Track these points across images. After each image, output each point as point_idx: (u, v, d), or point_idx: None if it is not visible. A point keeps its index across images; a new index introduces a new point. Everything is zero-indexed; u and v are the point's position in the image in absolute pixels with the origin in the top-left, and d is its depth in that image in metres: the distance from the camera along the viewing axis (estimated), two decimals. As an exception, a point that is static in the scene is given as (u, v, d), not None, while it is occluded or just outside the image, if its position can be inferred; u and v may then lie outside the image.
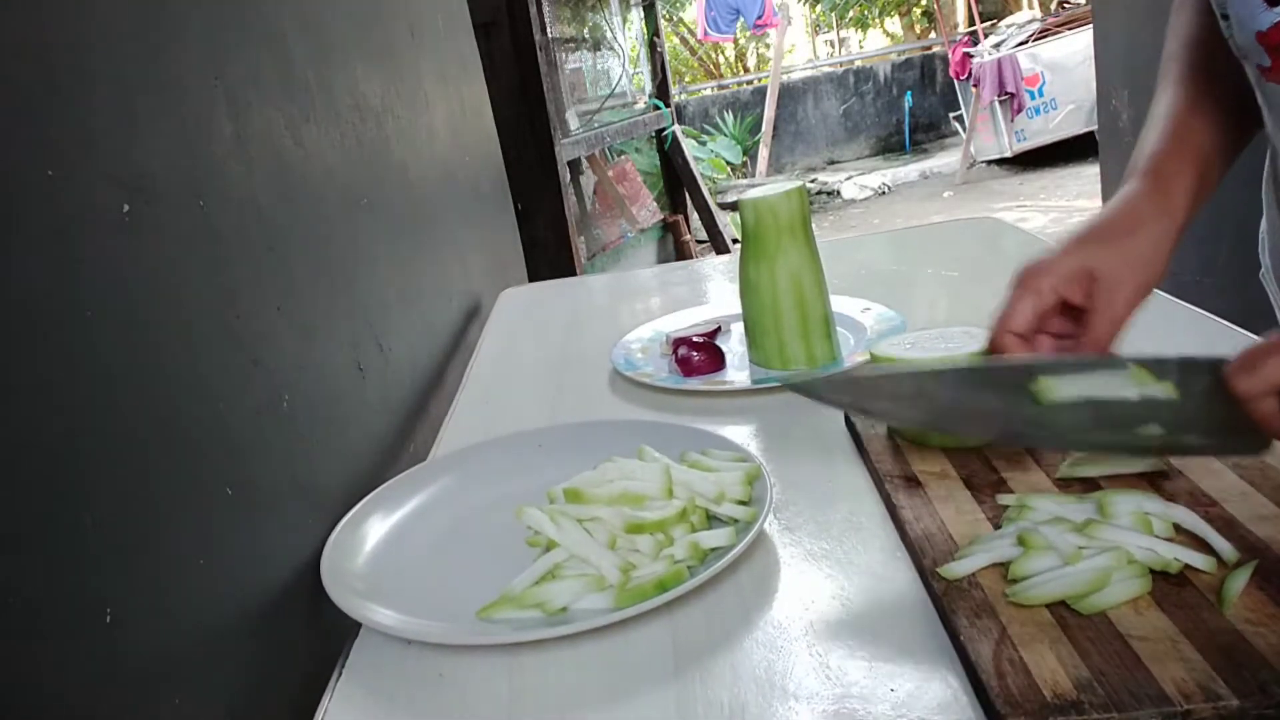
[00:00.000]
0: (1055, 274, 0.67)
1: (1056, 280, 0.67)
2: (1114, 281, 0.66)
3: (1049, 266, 0.67)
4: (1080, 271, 0.66)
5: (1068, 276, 0.67)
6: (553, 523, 0.67)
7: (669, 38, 9.36)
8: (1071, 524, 0.59)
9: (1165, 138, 0.73)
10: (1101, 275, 0.66)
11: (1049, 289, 0.67)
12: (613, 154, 4.38)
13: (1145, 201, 0.69)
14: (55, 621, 0.47)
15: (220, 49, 0.76)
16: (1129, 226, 0.68)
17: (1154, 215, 0.68)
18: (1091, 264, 0.66)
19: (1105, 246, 0.67)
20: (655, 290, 1.51)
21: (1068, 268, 0.67)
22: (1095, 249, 0.67)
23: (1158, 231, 0.68)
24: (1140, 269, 0.67)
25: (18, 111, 0.50)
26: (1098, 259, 0.66)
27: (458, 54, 1.86)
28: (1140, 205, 0.69)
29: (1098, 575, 0.53)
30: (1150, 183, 0.70)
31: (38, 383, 0.48)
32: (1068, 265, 0.67)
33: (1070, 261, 0.67)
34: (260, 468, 0.71)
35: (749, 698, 0.54)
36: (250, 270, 0.75)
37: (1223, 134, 0.73)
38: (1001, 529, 0.61)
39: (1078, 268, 0.66)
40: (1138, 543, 0.56)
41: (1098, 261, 0.66)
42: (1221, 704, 0.45)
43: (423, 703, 0.58)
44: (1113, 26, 2.34)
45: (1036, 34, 7.20)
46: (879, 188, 7.99)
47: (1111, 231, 0.68)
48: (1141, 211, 0.68)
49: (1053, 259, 0.67)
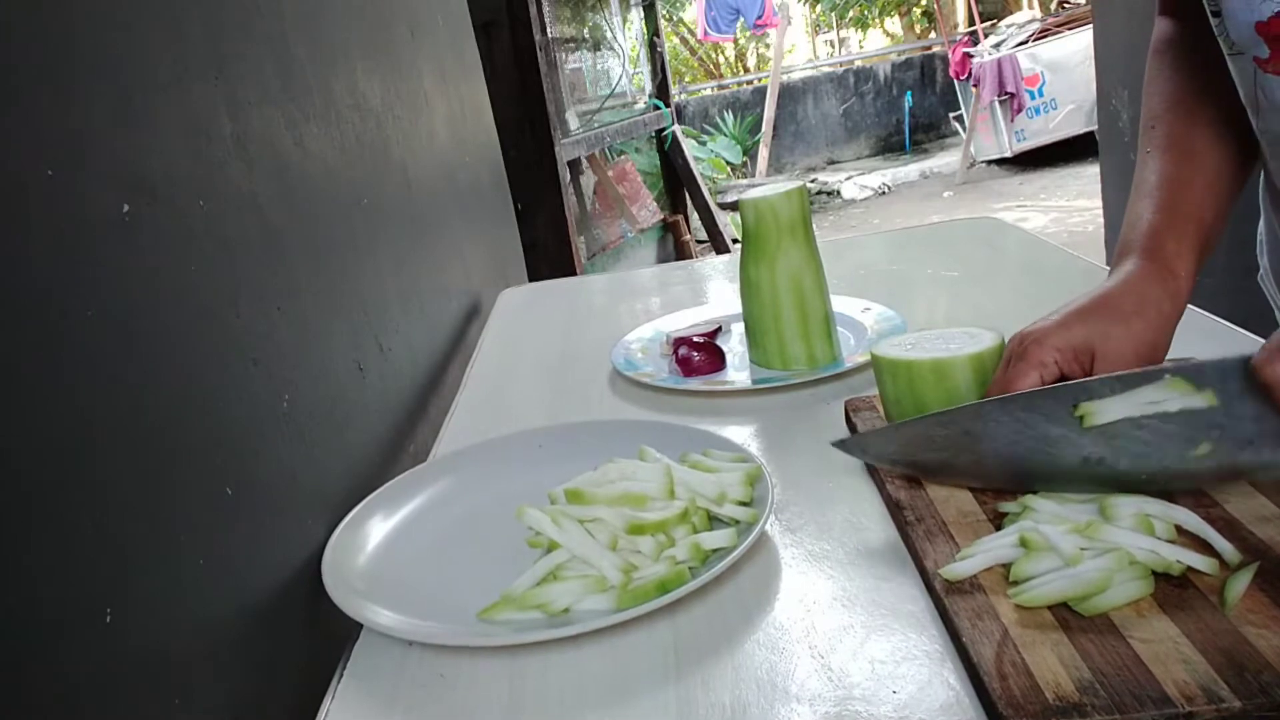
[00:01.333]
0: (1059, 348, 0.65)
1: (1060, 355, 0.65)
2: (1116, 360, 0.65)
3: (1052, 339, 0.66)
4: (1084, 348, 0.65)
5: (1071, 352, 0.65)
6: (554, 523, 0.67)
7: (669, 38, 9.37)
8: (1073, 525, 0.59)
9: (1162, 210, 0.71)
10: (1104, 354, 0.65)
11: (1052, 363, 0.65)
12: (613, 154, 4.38)
13: (1150, 282, 0.68)
14: (55, 621, 0.47)
15: (220, 49, 0.76)
16: (1135, 307, 0.66)
17: (1159, 298, 0.67)
18: (1095, 341, 0.65)
19: (1110, 325, 0.66)
20: (655, 290, 1.51)
21: (1071, 342, 0.65)
22: (1099, 326, 0.66)
23: (1163, 314, 0.67)
24: (1144, 351, 0.65)
25: (18, 111, 0.49)
26: (1101, 337, 0.65)
27: (458, 54, 1.85)
28: (1146, 287, 0.68)
29: (1100, 577, 0.53)
30: (1154, 263, 0.69)
31: (38, 383, 0.48)
32: (1071, 339, 0.65)
33: (1073, 336, 0.65)
34: (260, 468, 0.71)
35: (751, 699, 0.53)
36: (250, 270, 0.75)
37: (1218, 196, 0.72)
38: (1003, 530, 0.61)
39: (1081, 343, 0.65)
40: (1139, 544, 0.56)
41: (1101, 339, 0.65)
42: (1224, 706, 0.45)
43: (424, 704, 0.58)
44: (1113, 26, 2.34)
45: (1036, 34, 7.21)
46: (879, 188, 7.99)
47: (1117, 311, 0.66)
48: (1147, 294, 0.67)
49: (1055, 331, 0.66)
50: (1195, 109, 0.76)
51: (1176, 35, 0.80)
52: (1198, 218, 0.71)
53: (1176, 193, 0.72)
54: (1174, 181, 0.73)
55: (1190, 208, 0.71)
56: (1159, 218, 0.71)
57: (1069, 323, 0.66)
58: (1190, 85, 0.77)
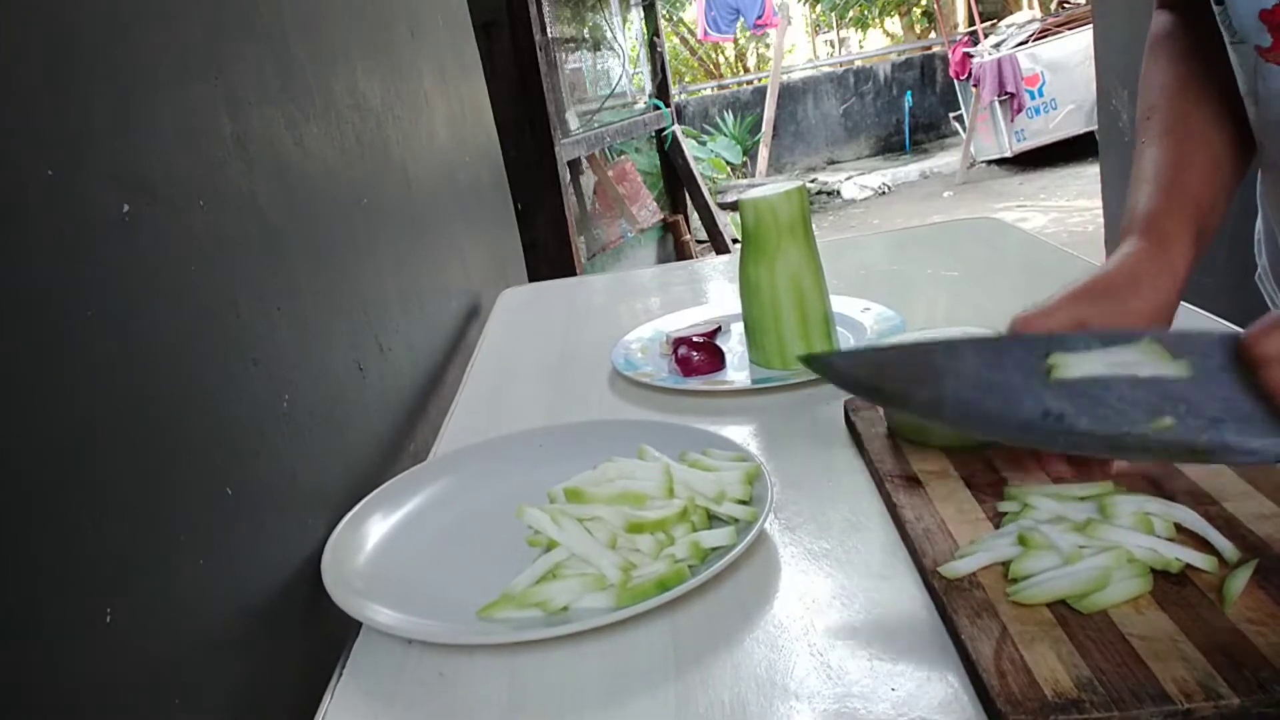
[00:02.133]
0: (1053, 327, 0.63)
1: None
2: None
3: (1047, 319, 0.64)
4: (1079, 326, 0.63)
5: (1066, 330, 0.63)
6: (553, 522, 0.67)
7: (669, 38, 9.36)
8: (1072, 523, 0.59)
9: (1159, 195, 0.70)
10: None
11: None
12: (613, 154, 4.38)
13: (1146, 260, 0.67)
14: (55, 621, 0.47)
15: (220, 49, 0.76)
16: (1130, 284, 0.66)
17: (1155, 273, 0.66)
18: (1091, 319, 0.64)
19: (1106, 302, 0.64)
20: (655, 290, 1.51)
21: (1065, 321, 0.64)
22: (1095, 304, 0.64)
23: (1159, 289, 0.66)
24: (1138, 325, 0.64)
25: (18, 111, 0.50)
26: (1097, 316, 0.64)
27: (458, 54, 1.86)
28: (1140, 264, 0.67)
29: (1098, 574, 0.53)
30: (1149, 242, 0.68)
31: (38, 382, 0.48)
32: (1065, 318, 0.64)
33: (1068, 315, 0.64)
34: (260, 468, 0.71)
35: (750, 697, 0.54)
36: (250, 270, 0.75)
37: (1216, 181, 0.72)
38: (1002, 528, 0.61)
39: (1076, 322, 0.64)
40: (1138, 542, 0.56)
41: (1098, 319, 0.64)
42: (1222, 703, 0.45)
43: (423, 702, 0.58)
44: (1113, 26, 2.34)
45: (1036, 34, 7.20)
46: (879, 188, 7.99)
47: (1112, 288, 0.66)
48: (1142, 270, 0.66)
49: (1050, 312, 0.64)
50: (1194, 99, 0.75)
51: (1175, 28, 0.80)
52: (1194, 200, 0.70)
53: (1173, 175, 0.71)
54: (1171, 165, 0.72)
55: (1188, 189, 0.71)
56: (1156, 200, 0.70)
57: (1064, 304, 0.65)
58: (1189, 77, 0.77)
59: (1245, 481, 0.63)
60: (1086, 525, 0.58)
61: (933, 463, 0.73)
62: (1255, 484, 0.63)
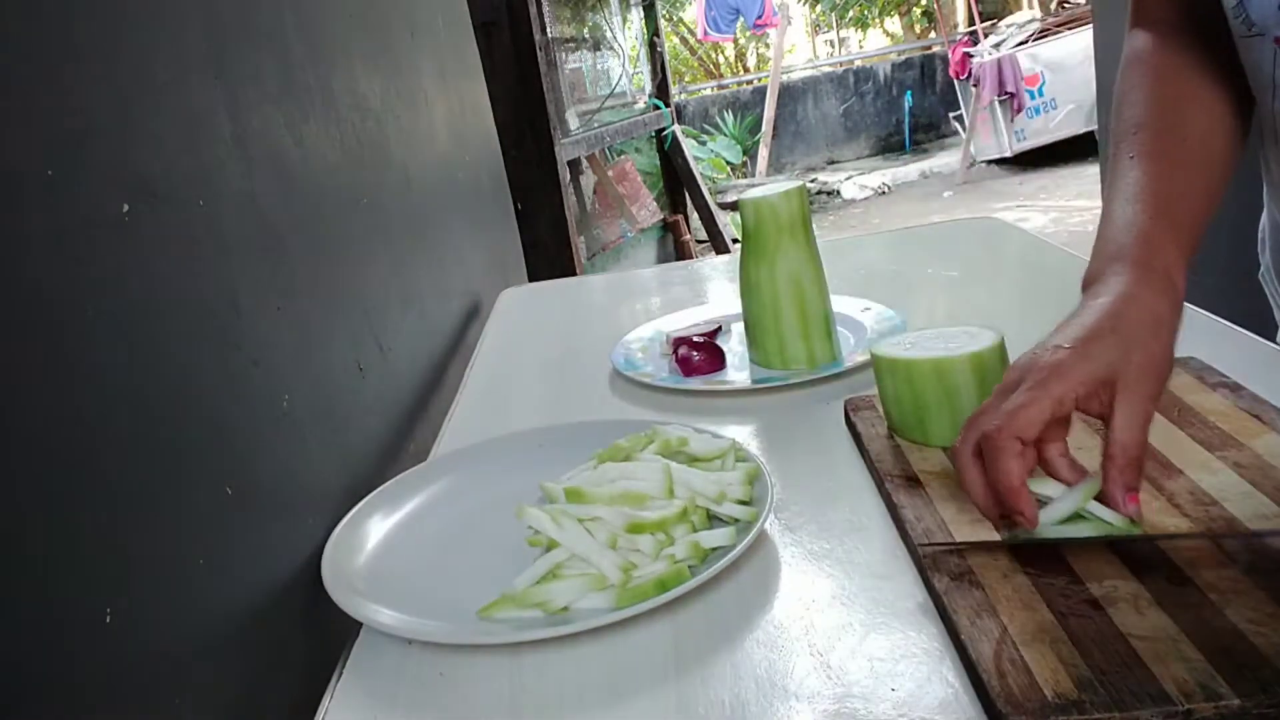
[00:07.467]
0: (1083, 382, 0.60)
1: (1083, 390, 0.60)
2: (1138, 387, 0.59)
3: (1075, 372, 0.60)
4: (1107, 378, 0.60)
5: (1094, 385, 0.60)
6: (553, 522, 0.67)
7: (669, 38, 9.37)
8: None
9: (1158, 218, 0.68)
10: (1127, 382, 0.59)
11: (1070, 402, 0.60)
12: (613, 154, 4.39)
13: (1161, 300, 0.64)
14: (55, 621, 0.47)
15: (220, 49, 0.76)
16: (1152, 328, 0.62)
17: (1169, 315, 0.63)
18: (1118, 368, 0.60)
19: (1131, 350, 0.60)
20: (655, 290, 1.51)
21: (1095, 374, 0.59)
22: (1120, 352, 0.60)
23: (1173, 331, 0.63)
24: (1164, 372, 0.61)
25: (18, 111, 0.50)
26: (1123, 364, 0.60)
27: (458, 54, 1.86)
28: (1157, 305, 0.63)
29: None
30: (1156, 276, 0.65)
31: (37, 382, 0.48)
32: (1094, 371, 0.60)
33: (1095, 367, 0.60)
34: (260, 468, 0.71)
35: (750, 697, 0.54)
36: (250, 270, 0.75)
37: (1209, 212, 0.71)
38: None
39: (1105, 374, 0.59)
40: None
41: (1121, 369, 0.60)
42: (1222, 703, 0.45)
43: (423, 702, 0.58)
44: (1113, 26, 2.34)
45: (1036, 34, 7.21)
46: (879, 188, 7.99)
47: (1135, 333, 0.61)
48: (1160, 312, 0.63)
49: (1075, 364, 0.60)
50: (1183, 117, 0.74)
51: (1155, 46, 0.79)
52: (1188, 222, 0.69)
53: (1172, 201, 0.69)
54: (1168, 189, 0.70)
55: (1187, 217, 0.69)
56: (1155, 225, 0.68)
57: (1088, 350, 0.60)
58: (1175, 94, 0.76)
59: (1245, 481, 0.63)
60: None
61: (933, 462, 0.73)
62: (1255, 484, 0.63)
